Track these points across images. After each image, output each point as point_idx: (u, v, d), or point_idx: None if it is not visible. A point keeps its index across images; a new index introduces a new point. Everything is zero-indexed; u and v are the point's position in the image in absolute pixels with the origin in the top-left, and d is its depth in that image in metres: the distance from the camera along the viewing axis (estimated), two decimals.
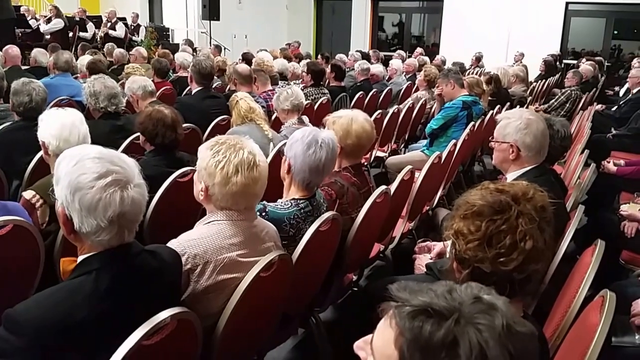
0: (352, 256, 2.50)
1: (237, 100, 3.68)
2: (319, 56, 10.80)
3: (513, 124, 2.34)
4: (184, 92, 5.51)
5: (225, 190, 1.73)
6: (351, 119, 2.59)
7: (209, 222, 1.79)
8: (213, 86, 5.31)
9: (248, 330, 1.88)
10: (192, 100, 4.65)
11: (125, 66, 6.18)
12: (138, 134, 2.93)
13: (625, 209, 3.35)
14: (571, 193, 2.89)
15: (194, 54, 8.44)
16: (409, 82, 7.59)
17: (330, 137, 2.22)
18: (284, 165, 2.23)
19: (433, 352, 0.75)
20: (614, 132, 5.94)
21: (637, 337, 2.20)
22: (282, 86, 5.31)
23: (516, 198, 1.40)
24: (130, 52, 7.81)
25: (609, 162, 4.57)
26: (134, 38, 12.22)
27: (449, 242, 1.49)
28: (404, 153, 5.62)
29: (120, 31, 11.83)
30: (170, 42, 12.77)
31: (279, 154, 2.31)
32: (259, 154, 1.80)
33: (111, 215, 1.34)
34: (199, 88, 4.69)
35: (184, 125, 3.08)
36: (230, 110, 3.75)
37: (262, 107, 4.58)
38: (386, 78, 7.96)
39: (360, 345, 0.89)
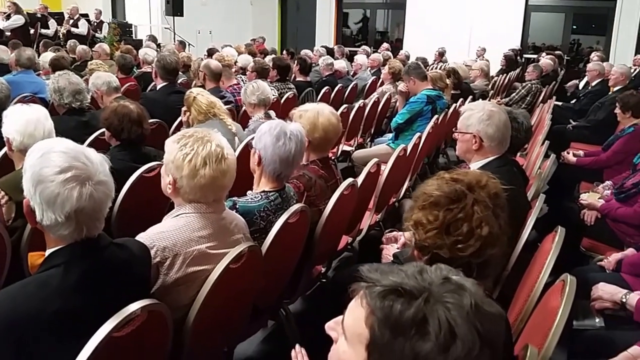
0: (320, 248, 2.52)
1: (194, 97, 3.51)
2: (284, 52, 10.79)
3: (476, 115, 2.40)
4: (149, 88, 5.44)
5: (194, 183, 1.73)
6: (317, 113, 2.61)
7: (177, 215, 1.79)
8: (179, 81, 5.25)
9: (218, 322, 1.89)
10: (157, 96, 4.60)
11: (89, 63, 6.06)
12: (103, 129, 2.89)
13: (585, 198, 3.47)
14: (532, 183, 2.97)
15: (158, 49, 8.32)
16: (374, 77, 7.65)
17: (298, 129, 2.24)
18: (253, 157, 2.23)
19: (403, 329, 0.77)
20: (573, 123, 6.12)
21: (597, 321, 2.29)
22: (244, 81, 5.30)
23: (471, 186, 1.45)
24: (93, 49, 7.65)
25: (568, 153, 4.72)
26: (96, 35, 11.93)
27: (409, 232, 1.53)
28: (370, 147, 5.67)
29: (82, 28, 11.55)
30: (134, 38, 12.52)
31: (248, 146, 2.31)
32: (227, 147, 1.80)
33: (68, 211, 1.34)
34: (164, 83, 4.63)
35: (150, 120, 3.05)
36: (187, 107, 3.56)
37: (230, 101, 4.58)
38: (351, 73, 8.01)
39: (331, 326, 0.91)
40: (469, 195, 1.43)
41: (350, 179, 2.61)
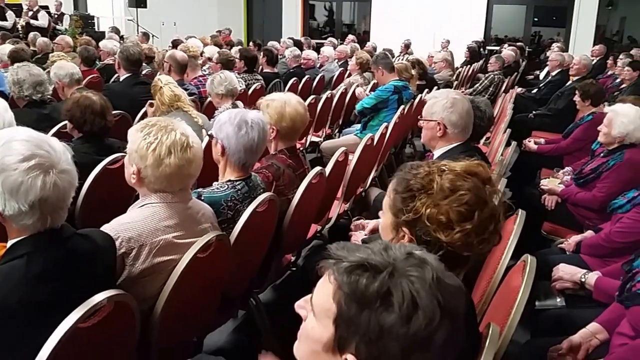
0: (289, 236, 2.53)
1: (160, 87, 3.46)
2: (251, 43, 10.70)
3: (440, 103, 2.44)
4: (112, 80, 5.34)
5: (158, 173, 1.71)
6: (284, 102, 2.61)
7: (142, 206, 1.77)
8: (143, 73, 5.17)
9: (187, 313, 1.88)
10: (120, 87, 4.52)
11: (50, 55, 5.90)
12: (65, 122, 2.83)
13: (546, 183, 3.57)
14: (494, 169, 3.04)
15: (121, 42, 8.16)
16: (341, 68, 7.67)
17: (259, 117, 2.22)
18: (215, 148, 2.21)
19: (368, 302, 0.79)
20: (534, 112, 6.26)
21: (558, 300, 2.37)
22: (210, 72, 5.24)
23: (485, 180, 1.38)
24: (55, 41, 7.44)
25: (530, 141, 4.84)
26: (57, 27, 11.60)
27: (386, 220, 1.45)
28: (339, 137, 5.69)
29: (43, 20, 11.21)
30: (96, 30, 12.24)
31: (209, 137, 2.29)
32: (192, 135, 1.79)
33: (32, 200, 1.32)
34: (128, 75, 4.55)
35: (114, 112, 3.00)
36: (153, 96, 3.52)
37: (194, 94, 4.53)
38: (318, 65, 8.01)
39: (300, 304, 0.93)
40: (488, 191, 1.36)
41: (318, 168, 2.62)
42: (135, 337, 1.58)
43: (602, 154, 3.38)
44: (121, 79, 4.66)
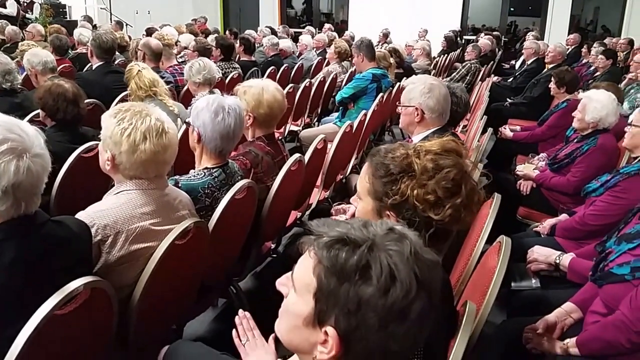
0: (269, 224, 2.52)
1: (138, 70, 3.37)
2: (227, 32, 10.58)
3: (417, 88, 2.45)
4: (85, 70, 5.24)
5: (134, 159, 1.69)
6: (262, 89, 2.59)
7: (118, 193, 1.75)
8: (116, 62, 5.08)
9: (166, 300, 1.86)
10: (93, 76, 4.43)
11: (20, 44, 5.77)
12: (38, 110, 2.77)
13: (521, 169, 3.62)
14: (471, 155, 3.07)
15: (94, 30, 8.01)
16: (320, 57, 7.64)
17: (236, 103, 2.20)
18: (192, 135, 2.19)
19: (348, 275, 0.80)
20: (510, 100, 6.32)
21: (533, 282, 2.41)
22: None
23: (461, 154, 1.43)
24: (26, 30, 7.27)
25: (505, 129, 4.89)
26: (27, 15, 11.32)
27: (366, 205, 1.45)
28: (318, 126, 5.69)
29: (11, 8, 10.91)
30: (68, 19, 11.98)
31: (186, 124, 2.26)
32: (167, 121, 1.76)
33: (5, 185, 1.29)
34: (100, 63, 4.47)
35: (87, 101, 2.94)
36: (127, 81, 3.43)
37: (170, 82, 4.47)
38: (296, 54, 7.97)
39: (282, 282, 0.94)
40: (467, 163, 1.42)
41: (297, 155, 2.61)
42: (114, 325, 1.56)
43: (576, 140, 3.44)
44: (94, 67, 4.57)
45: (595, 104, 3.17)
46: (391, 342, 0.81)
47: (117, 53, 5.28)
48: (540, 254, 2.41)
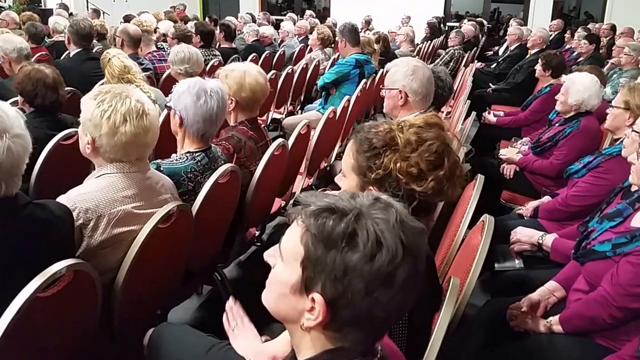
0: (253, 210, 2.51)
1: (109, 58, 3.29)
2: (207, 19, 10.44)
3: (401, 71, 2.44)
4: (62, 57, 5.14)
5: (114, 141, 1.66)
6: (244, 72, 2.56)
7: (99, 176, 1.72)
8: (94, 50, 4.99)
9: (150, 284, 1.85)
10: (71, 63, 4.34)
11: None
12: (16, 98, 2.72)
13: (504, 153, 3.64)
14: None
15: (70, 18, 7.86)
16: (302, 44, 7.59)
17: (218, 86, 2.18)
18: (174, 119, 2.16)
19: (334, 242, 0.81)
20: (492, 87, 6.34)
21: (516, 262, 2.44)
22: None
23: (443, 127, 1.45)
24: (0, 17, 7.11)
25: (489, 114, 4.91)
26: (0, 3, 11.09)
27: (350, 182, 1.46)
28: (301, 114, 5.65)
29: None
30: (43, 7, 11.74)
31: (167, 108, 2.23)
32: (148, 102, 1.74)
33: None
34: (78, 50, 4.38)
35: (65, 88, 2.89)
36: (102, 69, 3.38)
37: (149, 69, 4.41)
38: (278, 41, 7.91)
39: (270, 253, 0.95)
40: (449, 137, 1.44)
41: (280, 140, 2.60)
42: (98, 309, 1.54)
43: (558, 123, 3.46)
44: (71, 55, 4.48)
45: (578, 87, 3.19)
46: (377, 307, 0.82)
47: (95, 41, 5.20)
48: (523, 235, 2.43)
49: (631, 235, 1.76)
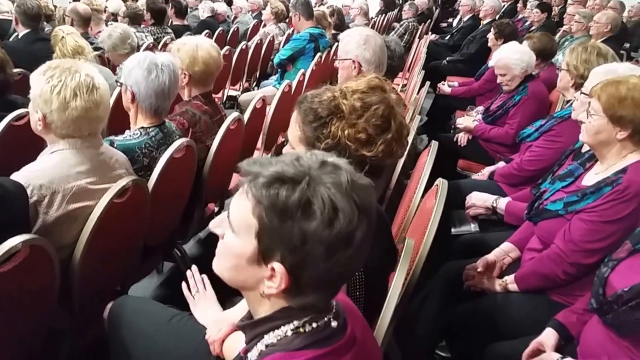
0: (211, 185, 2.50)
1: (62, 36, 3.19)
2: None
3: (353, 41, 2.44)
4: (11, 39, 4.93)
5: (65, 117, 1.63)
6: (196, 46, 2.52)
7: (52, 153, 1.69)
8: (45, 30, 4.80)
9: (108, 259, 1.84)
10: (20, 44, 4.16)
11: None
12: None
13: (461, 121, 3.69)
14: (408, 108, 3.12)
15: None
16: (256, 20, 7.49)
17: (169, 60, 2.15)
18: (125, 95, 2.12)
19: (290, 213, 0.81)
20: (447, 59, 6.42)
21: (472, 226, 2.51)
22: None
23: (387, 90, 1.45)
24: None
25: (444, 84, 4.98)
26: None
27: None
28: (257, 90, 5.61)
29: None
30: None
31: (118, 85, 2.18)
32: (98, 77, 1.70)
33: None
34: (27, 31, 4.20)
35: (15, 70, 2.78)
36: (53, 47, 3.27)
37: (100, 48, 4.28)
38: (232, 18, 7.78)
39: (216, 223, 0.92)
40: (394, 98, 1.44)
41: (236, 113, 2.58)
42: (56, 285, 1.53)
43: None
44: (20, 36, 4.31)
45: (515, 56, 3.27)
46: (337, 268, 0.83)
47: (44, 23, 5.00)
48: (477, 199, 2.50)
49: (582, 194, 1.81)
